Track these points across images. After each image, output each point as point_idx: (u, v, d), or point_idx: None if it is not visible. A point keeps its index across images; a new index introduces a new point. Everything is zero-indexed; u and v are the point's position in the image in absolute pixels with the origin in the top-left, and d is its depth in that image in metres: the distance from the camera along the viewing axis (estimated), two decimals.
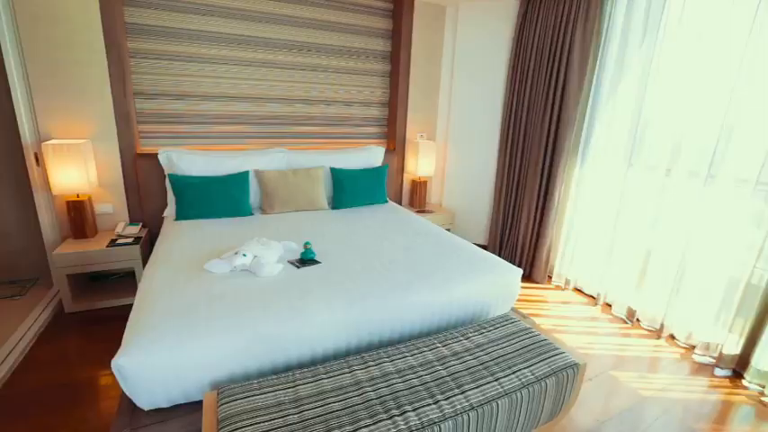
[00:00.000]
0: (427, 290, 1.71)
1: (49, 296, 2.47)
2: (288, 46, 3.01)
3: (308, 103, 3.20)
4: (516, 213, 3.28)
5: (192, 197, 2.47)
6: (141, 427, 1.22)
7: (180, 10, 2.65)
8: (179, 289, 1.54)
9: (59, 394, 1.80)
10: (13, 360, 1.96)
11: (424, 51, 3.43)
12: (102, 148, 2.58)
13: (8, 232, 2.59)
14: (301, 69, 3.10)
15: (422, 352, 1.45)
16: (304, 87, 3.15)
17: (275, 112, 3.11)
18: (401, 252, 2.06)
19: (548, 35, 2.82)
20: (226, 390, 1.17)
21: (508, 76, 3.21)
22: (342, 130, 3.40)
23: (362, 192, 2.94)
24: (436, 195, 3.89)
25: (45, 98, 2.39)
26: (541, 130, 2.94)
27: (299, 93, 3.15)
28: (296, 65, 3.07)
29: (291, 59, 3.05)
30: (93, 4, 2.36)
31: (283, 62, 3.03)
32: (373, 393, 1.21)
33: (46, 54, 2.34)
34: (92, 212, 2.57)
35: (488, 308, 1.90)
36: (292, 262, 1.84)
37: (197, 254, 1.90)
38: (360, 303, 1.55)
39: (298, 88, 3.13)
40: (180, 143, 2.86)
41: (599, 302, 2.79)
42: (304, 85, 3.14)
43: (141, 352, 1.21)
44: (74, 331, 2.27)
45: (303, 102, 3.18)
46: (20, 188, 2.54)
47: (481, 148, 3.52)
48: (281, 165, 2.91)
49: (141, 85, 2.69)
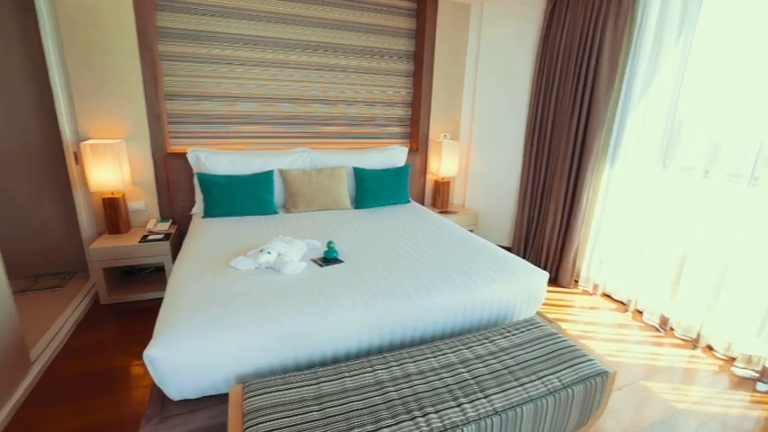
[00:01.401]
0: (450, 291, 1.69)
1: (86, 288, 2.60)
2: (313, 47, 3.05)
3: (332, 104, 3.23)
4: (542, 215, 3.21)
5: (218, 195, 2.54)
6: (171, 417, 1.25)
7: (207, 13, 2.73)
8: (206, 284, 1.58)
9: (95, 381, 1.88)
10: (54, 347, 2.07)
11: (447, 51, 3.40)
12: (135, 147, 2.68)
13: (50, 227, 2.73)
14: (326, 70, 3.13)
15: (444, 354, 1.43)
16: (328, 88, 3.18)
17: (299, 112, 3.15)
18: (424, 252, 2.04)
19: (576, 33, 2.74)
20: (251, 384, 1.19)
21: (534, 76, 3.14)
22: (365, 130, 3.41)
23: (385, 192, 2.94)
24: (459, 196, 3.85)
25: (84, 100, 2.51)
26: (569, 130, 2.86)
27: (324, 93, 3.18)
28: (321, 65, 3.11)
29: (316, 60, 3.08)
30: (129, 10, 2.46)
31: (308, 63, 3.06)
32: (395, 394, 1.21)
33: (85, 58, 2.45)
34: (125, 209, 2.67)
35: (512, 311, 1.86)
36: (315, 260, 1.85)
37: (223, 250, 1.95)
38: (382, 303, 1.55)
39: (322, 89, 3.16)
40: (207, 143, 2.95)
41: (629, 309, 2.69)
42: (329, 85, 3.17)
43: (171, 344, 1.25)
44: (108, 322, 2.37)
45: (327, 102, 3.21)
46: (60, 186, 2.68)
47: (505, 148, 3.46)
48: (305, 164, 2.95)
49: (171, 87, 2.78)
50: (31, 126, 2.55)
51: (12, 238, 2.62)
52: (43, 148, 2.60)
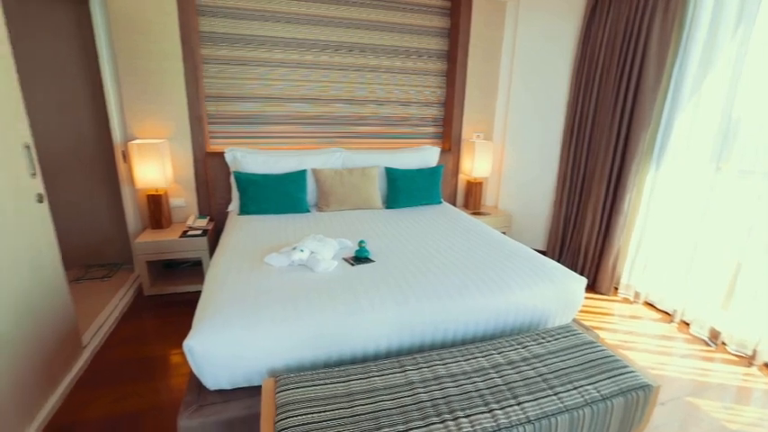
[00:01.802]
0: (483, 294, 1.65)
1: (131, 279, 2.75)
2: (345, 47, 3.08)
3: (364, 104, 3.25)
4: (579, 218, 3.08)
5: (254, 194, 2.62)
6: (207, 405, 1.30)
7: (246, 17, 2.82)
8: (242, 280, 1.63)
9: (138, 367, 1.99)
10: (103, 333, 2.20)
11: (481, 49, 3.33)
12: (177, 147, 2.81)
13: (100, 222, 2.91)
14: (360, 70, 3.16)
15: (476, 358, 1.40)
16: (361, 88, 3.20)
17: (332, 113, 3.19)
18: (456, 254, 2.01)
19: (620, 28, 2.61)
20: (283, 378, 1.22)
21: (573, 73, 3.02)
22: (397, 130, 3.41)
23: (417, 192, 2.92)
24: (492, 197, 3.76)
25: (132, 102, 2.66)
26: (610, 130, 2.73)
27: (356, 93, 3.20)
28: (352, 66, 3.13)
29: (351, 61, 3.11)
30: (173, 16, 2.59)
31: (341, 64, 3.10)
32: (425, 395, 1.19)
33: (134, 63, 2.60)
34: (167, 206, 2.81)
35: (547, 317, 1.80)
36: (347, 259, 1.87)
37: (258, 247, 2.00)
38: (413, 304, 1.54)
39: (356, 89, 3.19)
40: (244, 142, 3.04)
41: (675, 320, 2.53)
42: (362, 85, 3.20)
43: (208, 335, 1.29)
44: (150, 312, 2.50)
45: (359, 102, 3.23)
46: (110, 183, 2.85)
47: (541, 148, 3.35)
48: (337, 164, 2.98)
49: (211, 89, 2.89)
50: (86, 128, 2.73)
51: (67, 230, 2.82)
52: (96, 148, 2.78)
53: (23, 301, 1.57)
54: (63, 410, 1.70)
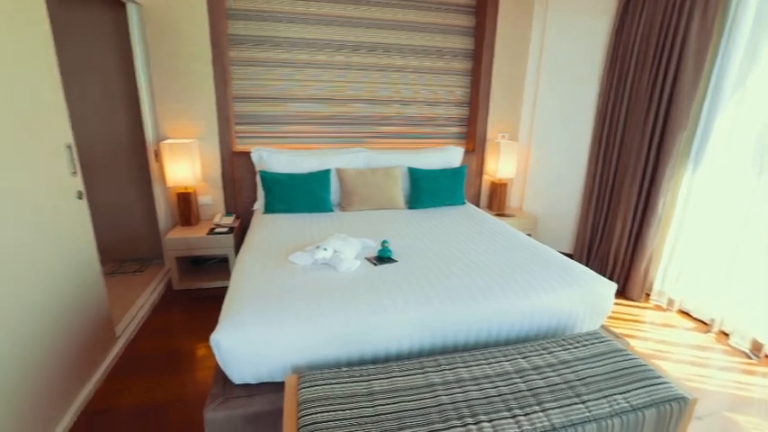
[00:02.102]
0: (507, 297, 1.62)
1: (161, 274, 2.85)
2: (369, 48, 3.09)
3: (387, 104, 3.25)
4: (609, 221, 2.98)
5: (278, 193, 2.66)
6: (233, 398, 1.34)
7: (273, 20, 2.88)
8: (266, 277, 1.66)
9: (166, 359, 2.06)
10: (135, 325, 2.30)
11: (508, 48, 3.27)
12: (206, 146, 2.90)
13: (133, 218, 3.04)
14: (384, 70, 3.16)
15: (499, 362, 1.37)
16: (384, 88, 3.21)
17: (356, 113, 3.21)
18: (480, 255, 1.98)
19: (656, 25, 2.51)
20: (306, 375, 1.23)
21: (604, 72, 2.92)
22: (420, 130, 3.39)
23: (440, 192, 2.90)
24: (516, 198, 3.69)
25: (164, 103, 2.76)
26: (643, 131, 2.62)
27: (380, 93, 3.21)
28: (376, 66, 3.14)
29: (375, 61, 3.12)
30: (204, 20, 2.67)
31: (364, 64, 3.11)
32: (447, 398, 1.18)
33: (166, 65, 2.69)
34: (196, 203, 2.90)
35: (574, 322, 1.75)
36: (370, 259, 1.87)
37: (282, 245, 2.04)
38: (435, 305, 1.53)
39: (379, 89, 3.20)
40: (269, 143, 3.10)
41: (712, 330, 2.40)
42: (384, 85, 3.20)
43: (234, 331, 1.32)
44: (179, 306, 2.59)
45: (383, 102, 3.24)
46: (142, 182, 2.96)
47: (569, 149, 3.26)
48: (361, 164, 2.99)
49: (238, 90, 2.97)
50: (121, 128, 2.85)
51: (103, 226, 2.95)
52: (130, 148, 2.90)
53: (65, 292, 1.65)
54: (98, 397, 1.79)
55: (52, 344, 1.55)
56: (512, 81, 3.37)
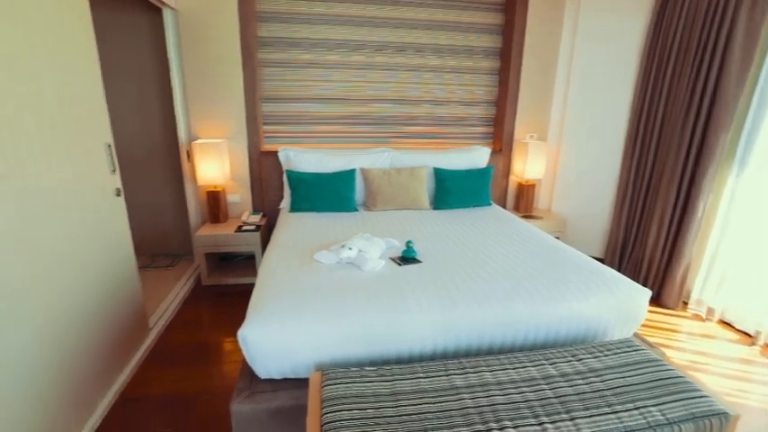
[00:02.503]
0: (534, 301, 1.58)
1: (191, 269, 2.95)
2: (396, 47, 3.09)
3: (413, 104, 3.24)
4: (643, 225, 2.85)
5: (304, 192, 2.70)
6: (258, 392, 1.36)
7: (301, 21, 2.92)
8: (292, 275, 1.68)
9: (195, 352, 2.13)
10: (166, 318, 2.39)
11: (538, 45, 3.19)
12: (234, 146, 2.98)
13: (166, 215, 3.16)
14: (409, 70, 3.15)
15: (525, 367, 1.34)
16: (410, 88, 3.20)
17: (381, 113, 3.22)
18: (506, 258, 1.94)
19: (698, 19, 2.38)
20: (330, 373, 1.24)
21: (640, 70, 2.80)
22: (446, 130, 3.36)
23: (465, 193, 2.86)
24: (545, 200, 3.59)
25: (196, 104, 2.86)
26: (683, 131, 2.49)
27: (405, 93, 3.20)
28: (402, 66, 3.14)
29: (400, 61, 3.12)
30: (235, 23, 2.74)
31: (391, 63, 3.11)
32: (471, 401, 1.16)
33: (198, 67, 2.78)
34: (225, 202, 2.98)
35: (604, 329, 1.68)
36: (394, 259, 1.87)
37: (307, 244, 2.06)
38: (461, 308, 1.50)
39: (404, 88, 3.19)
40: (296, 142, 3.15)
41: (757, 342, 2.26)
42: (411, 85, 3.19)
43: (260, 327, 1.35)
44: (208, 301, 2.67)
45: (408, 102, 3.23)
46: (174, 180, 3.07)
47: (601, 150, 3.14)
48: (386, 164, 3.00)
49: (266, 91, 3.03)
50: (156, 128, 2.97)
51: (138, 222, 3.08)
52: (164, 147, 3.01)
53: (105, 285, 1.74)
54: (132, 385, 1.87)
55: (93, 333, 1.63)
56: (541, 79, 3.29)
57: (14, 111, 1.28)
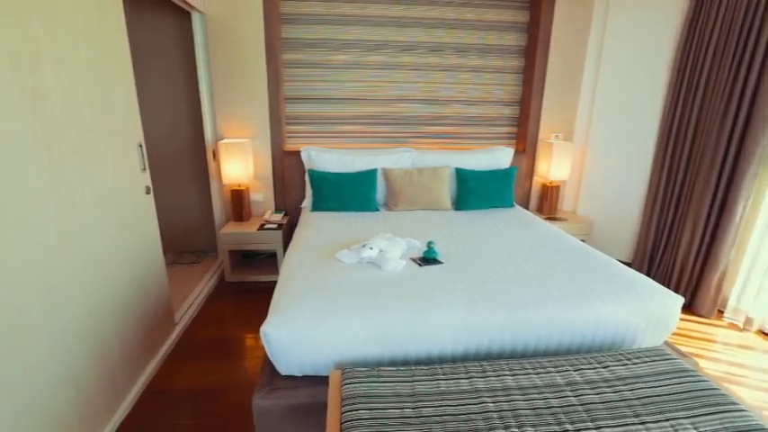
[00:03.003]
0: (557, 306, 1.54)
1: (215, 266, 3.03)
2: (418, 47, 3.07)
3: (436, 104, 3.22)
4: (675, 229, 2.73)
5: (326, 191, 2.72)
6: (279, 389, 1.38)
7: (324, 22, 2.95)
8: (313, 273, 1.70)
9: (218, 347, 2.18)
10: (191, 313, 2.45)
11: (564, 42, 3.11)
12: (258, 146, 3.04)
13: (192, 213, 3.25)
14: (432, 70, 3.13)
15: (548, 372, 1.30)
16: (433, 87, 3.18)
17: (403, 113, 3.21)
18: (529, 260, 1.90)
19: (738, 14, 2.26)
20: (349, 371, 1.25)
21: (674, 67, 2.69)
22: (468, 130, 3.32)
23: (488, 194, 2.82)
24: (569, 202, 3.50)
25: (222, 105, 2.93)
26: (720, 130, 2.38)
27: (428, 93, 3.18)
28: (427, 66, 3.12)
29: (423, 61, 3.10)
30: (260, 25, 2.79)
31: (413, 64, 3.10)
32: (492, 405, 1.14)
33: (224, 69, 2.85)
34: (248, 200, 3.04)
35: (633, 336, 1.62)
36: (415, 259, 1.86)
37: (329, 243, 2.08)
38: (481, 310, 1.48)
39: (426, 88, 3.17)
40: (318, 142, 3.18)
41: None
42: (433, 85, 3.17)
43: (282, 324, 1.37)
44: (231, 297, 2.73)
45: (431, 102, 3.21)
46: (201, 179, 3.16)
47: (630, 150, 3.03)
48: (407, 164, 2.99)
49: (290, 91, 3.07)
50: (184, 130, 3.06)
51: (166, 220, 3.18)
52: (191, 147, 3.10)
53: (136, 280, 1.80)
54: (158, 377, 1.93)
55: (124, 326, 1.70)
56: (567, 78, 3.20)
57: (59, 112, 1.34)
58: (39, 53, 1.26)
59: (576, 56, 3.16)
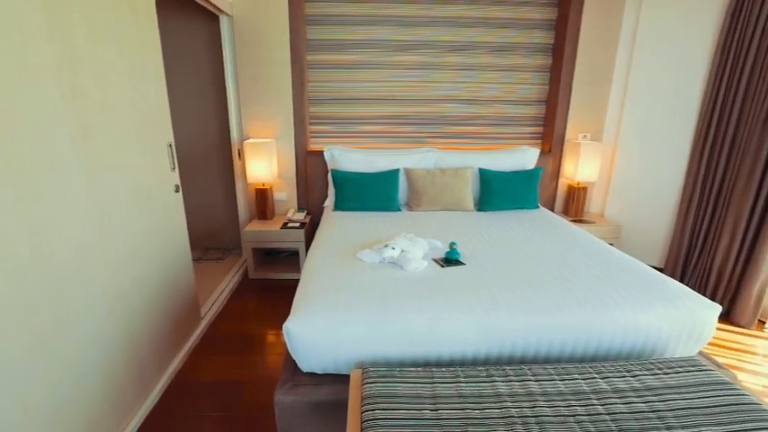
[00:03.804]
0: (585, 311, 1.49)
1: (239, 263, 3.10)
2: (442, 47, 3.05)
3: (459, 103, 3.18)
4: (713, 232, 2.60)
5: (349, 191, 2.74)
6: (300, 385, 1.40)
7: (348, 23, 2.96)
8: (335, 272, 1.71)
9: (241, 342, 2.23)
10: (216, 308, 2.52)
11: (594, 40, 3.01)
12: (282, 145, 3.09)
13: (218, 211, 3.34)
14: (452, 69, 3.10)
15: (574, 379, 1.26)
16: (456, 87, 3.14)
17: (427, 113, 3.19)
18: (554, 263, 1.85)
19: None
20: (370, 371, 1.25)
21: (713, 65, 2.56)
22: (492, 130, 3.27)
23: (512, 195, 2.77)
24: (597, 204, 3.39)
25: (247, 106, 2.99)
26: (764, 127, 2.25)
27: (451, 93, 3.15)
28: (451, 65, 3.09)
29: (446, 60, 3.08)
30: (285, 27, 2.83)
31: (438, 63, 3.08)
32: (515, 411, 1.11)
33: (249, 70, 2.91)
34: (272, 199, 3.10)
35: (664, 345, 1.55)
36: (437, 260, 1.84)
37: (350, 242, 2.09)
38: (504, 314, 1.45)
39: (450, 88, 3.14)
40: (341, 142, 3.21)
41: None
42: (456, 84, 3.14)
43: (304, 321, 1.38)
44: (254, 294, 2.79)
45: (454, 101, 3.18)
46: (227, 178, 3.24)
47: (663, 151, 2.91)
48: (430, 164, 2.97)
49: (314, 92, 3.11)
50: (211, 130, 3.15)
51: (193, 217, 3.29)
52: (218, 147, 3.18)
53: (164, 274, 1.87)
54: (184, 370, 1.99)
55: (154, 319, 1.76)
56: (596, 76, 3.10)
57: (98, 112, 1.40)
58: (79, 55, 1.32)
59: (606, 53, 3.05)
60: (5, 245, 1.05)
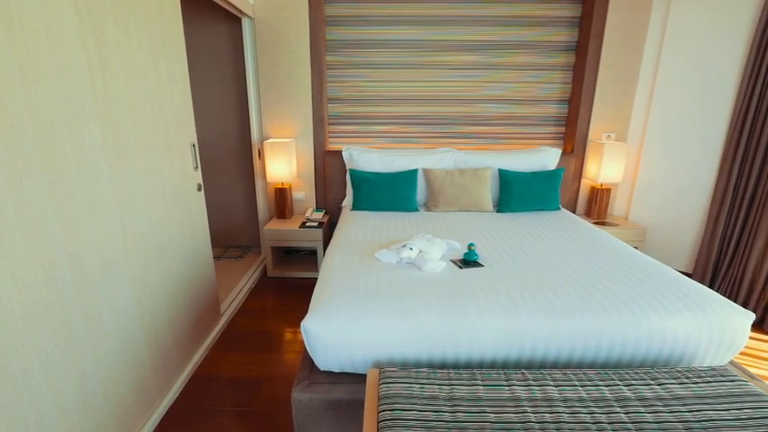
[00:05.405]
0: (607, 315, 1.45)
1: (258, 261, 3.15)
2: (462, 46, 3.02)
3: (478, 103, 3.15)
4: (745, 238, 2.49)
5: (367, 191, 2.75)
6: (317, 383, 1.41)
7: (368, 23, 2.97)
8: (353, 272, 1.72)
9: (259, 339, 2.26)
10: (236, 305, 2.57)
11: (619, 37, 2.92)
12: (301, 145, 3.12)
13: (238, 209, 3.40)
14: (473, 68, 3.07)
15: (596, 385, 1.23)
16: (476, 86, 3.11)
17: (446, 112, 3.17)
18: (576, 267, 1.81)
19: None
20: (387, 371, 1.25)
21: (747, 64, 2.45)
22: (513, 130, 3.22)
23: (532, 196, 2.72)
24: (621, 206, 3.30)
25: (268, 106, 3.04)
26: None
27: (471, 92, 3.12)
28: (471, 64, 3.06)
29: (466, 59, 3.05)
30: (305, 28, 2.86)
31: (457, 63, 3.05)
32: (533, 416, 1.09)
33: (270, 70, 2.95)
34: (290, 198, 3.13)
35: (693, 354, 1.49)
36: (455, 261, 1.83)
37: (368, 242, 2.09)
38: (524, 317, 1.43)
39: (469, 87, 3.11)
40: (360, 142, 3.22)
41: None
42: (477, 84, 3.10)
43: (321, 320, 1.39)
44: (272, 291, 2.82)
45: (474, 101, 3.14)
46: (247, 177, 3.30)
47: (692, 150, 2.80)
48: (449, 164, 2.94)
49: (333, 92, 3.13)
50: (232, 130, 3.21)
51: (213, 215, 3.36)
52: (238, 147, 3.24)
53: (187, 271, 1.91)
54: (204, 365, 2.03)
55: (177, 314, 1.81)
56: (621, 74, 3.01)
57: (126, 112, 1.45)
58: (110, 56, 1.36)
59: (632, 51, 2.96)
60: (42, 241, 1.10)
